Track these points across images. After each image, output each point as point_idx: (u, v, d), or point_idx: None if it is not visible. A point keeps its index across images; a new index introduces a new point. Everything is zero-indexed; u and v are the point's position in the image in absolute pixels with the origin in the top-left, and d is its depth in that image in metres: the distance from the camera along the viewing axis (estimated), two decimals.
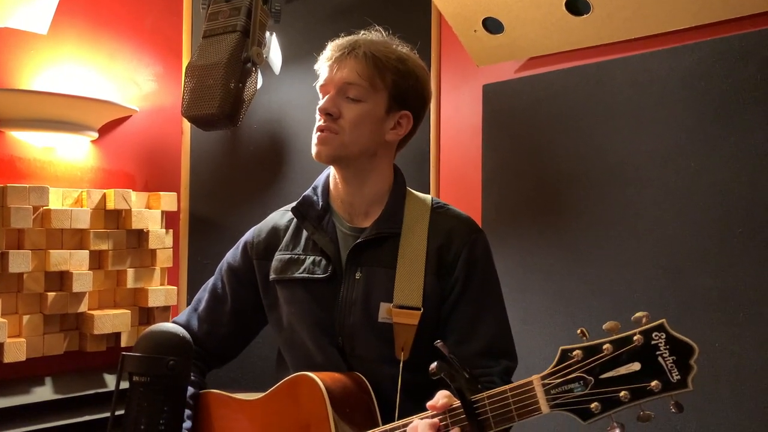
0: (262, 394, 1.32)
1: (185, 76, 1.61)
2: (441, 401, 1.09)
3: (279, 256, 1.40)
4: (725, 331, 1.57)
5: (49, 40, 1.96)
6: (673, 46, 1.70)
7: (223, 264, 1.50)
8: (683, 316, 1.62)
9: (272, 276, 1.39)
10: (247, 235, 1.49)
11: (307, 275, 1.34)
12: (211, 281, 1.51)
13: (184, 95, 1.59)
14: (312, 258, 1.35)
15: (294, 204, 1.42)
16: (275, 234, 1.44)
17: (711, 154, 1.62)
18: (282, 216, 1.47)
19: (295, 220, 1.42)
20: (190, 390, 1.37)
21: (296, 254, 1.38)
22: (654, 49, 1.73)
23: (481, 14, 1.93)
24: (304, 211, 1.39)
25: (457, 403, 1.08)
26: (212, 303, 1.48)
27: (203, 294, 1.51)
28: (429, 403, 1.10)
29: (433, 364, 1.05)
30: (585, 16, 1.78)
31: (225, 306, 1.46)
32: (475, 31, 1.98)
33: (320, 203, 1.39)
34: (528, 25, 1.89)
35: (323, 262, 1.34)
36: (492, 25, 1.95)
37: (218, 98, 1.48)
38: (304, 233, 1.39)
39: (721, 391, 1.56)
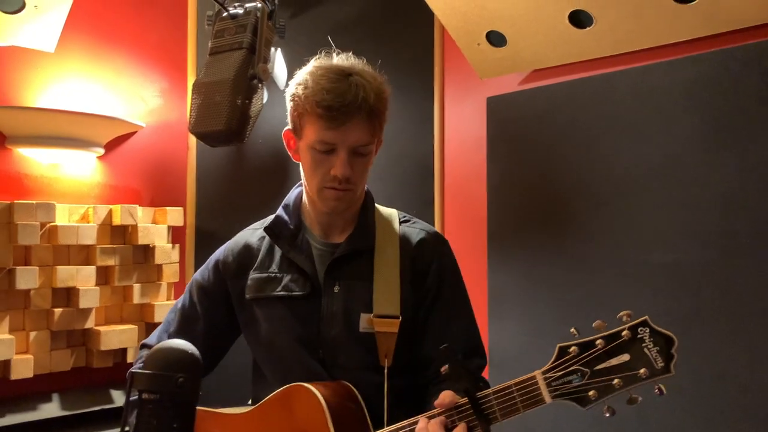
0: (251, 408, 1.33)
1: (192, 92, 1.62)
2: (447, 399, 1.14)
3: (255, 275, 1.41)
4: (732, 341, 1.57)
5: (56, 57, 1.98)
6: (675, 57, 1.71)
7: (192, 284, 1.50)
8: (690, 327, 1.62)
9: (249, 295, 1.41)
10: (218, 254, 1.49)
11: (286, 293, 1.37)
12: (179, 302, 1.50)
13: (191, 112, 1.60)
14: (289, 276, 1.38)
15: (267, 223, 1.43)
16: (248, 253, 1.44)
17: (715, 164, 1.62)
18: (252, 234, 1.48)
19: (266, 237, 1.43)
20: None
21: (273, 273, 1.40)
22: (656, 60, 1.74)
23: (484, 27, 1.94)
24: (277, 231, 1.41)
25: (462, 400, 1.13)
26: (183, 323, 1.47)
27: (172, 315, 1.49)
28: (436, 402, 1.15)
29: (444, 366, 1.12)
30: (588, 28, 1.79)
31: (197, 325, 1.46)
32: (478, 44, 1.99)
33: (293, 222, 1.42)
34: (531, 38, 1.90)
35: (301, 279, 1.37)
36: (495, 39, 1.96)
37: (225, 115, 1.49)
38: (278, 251, 1.41)
39: (730, 401, 1.56)
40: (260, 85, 1.57)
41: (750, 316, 1.55)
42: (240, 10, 1.63)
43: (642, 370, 1.03)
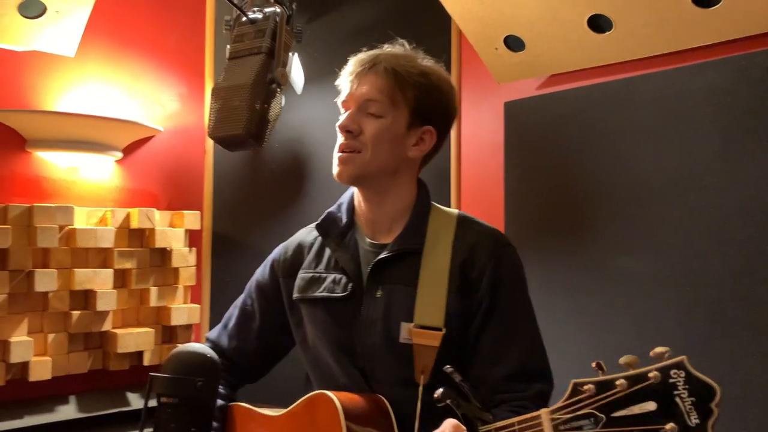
0: (283, 411, 1.31)
1: (211, 97, 1.63)
2: (447, 429, 1.05)
3: (302, 275, 1.38)
4: (754, 351, 1.54)
5: (76, 61, 2.00)
6: (696, 62, 1.69)
7: (252, 282, 1.50)
8: (710, 337, 1.60)
9: (295, 295, 1.38)
10: (275, 253, 1.48)
11: (326, 294, 1.31)
12: (240, 298, 1.51)
13: (210, 116, 1.61)
14: (333, 276, 1.33)
15: (319, 220, 1.40)
16: (300, 251, 1.42)
17: (737, 171, 1.60)
18: (308, 233, 1.45)
19: (320, 237, 1.39)
20: (219, 402, 1.36)
21: (318, 272, 1.36)
22: (677, 65, 1.72)
23: (502, 32, 1.94)
24: (327, 228, 1.37)
25: None
26: (241, 320, 1.47)
27: (233, 311, 1.50)
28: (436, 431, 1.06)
29: (438, 391, 1.02)
30: (607, 33, 1.78)
31: (253, 323, 1.45)
32: (496, 48, 1.98)
33: (344, 220, 1.37)
34: (549, 43, 1.89)
35: (343, 280, 1.31)
36: (513, 43, 1.96)
37: (244, 119, 1.50)
38: (327, 251, 1.37)
39: (750, 417, 1.53)
40: (279, 89, 1.58)
41: None
42: (259, 15, 1.63)
43: (669, 425, 0.84)
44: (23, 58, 1.93)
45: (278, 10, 1.63)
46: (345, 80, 1.33)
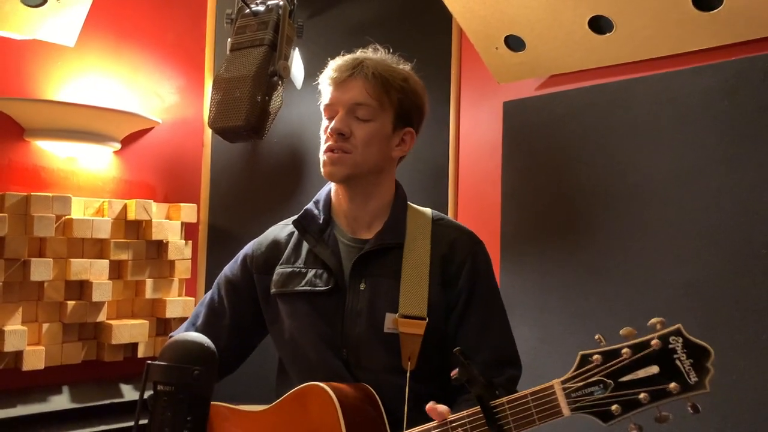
0: (268, 406, 1.31)
1: (212, 88, 1.63)
2: (440, 408, 1.13)
3: (280, 270, 1.40)
4: (747, 353, 1.56)
5: (76, 52, 1.99)
6: (695, 65, 1.70)
7: (221, 278, 1.50)
8: (704, 337, 1.60)
9: (273, 290, 1.40)
10: (247, 249, 1.49)
11: (308, 288, 1.35)
12: (208, 295, 1.50)
13: (210, 107, 1.61)
14: (314, 271, 1.36)
15: (295, 217, 1.43)
16: (276, 247, 1.44)
17: (733, 173, 1.62)
18: (282, 229, 1.47)
19: (295, 233, 1.42)
20: None
21: (297, 267, 1.38)
22: (676, 68, 1.74)
23: (503, 32, 1.95)
24: (305, 224, 1.40)
25: (474, 409, 1.10)
26: (210, 317, 1.47)
27: (200, 308, 1.49)
28: (428, 406, 1.14)
29: (455, 371, 1.08)
30: (607, 34, 1.79)
31: (223, 320, 1.45)
32: (496, 48, 1.99)
33: (322, 216, 1.41)
34: (550, 43, 1.90)
35: (325, 274, 1.35)
36: (514, 43, 1.96)
37: (245, 111, 1.50)
38: (305, 246, 1.40)
39: (744, 414, 1.54)
40: (280, 82, 1.58)
41: (766, 328, 1.54)
42: (262, 8, 1.64)
43: (672, 385, 0.95)
44: (23, 47, 1.92)
45: (281, 3, 1.63)
46: (327, 85, 1.37)
